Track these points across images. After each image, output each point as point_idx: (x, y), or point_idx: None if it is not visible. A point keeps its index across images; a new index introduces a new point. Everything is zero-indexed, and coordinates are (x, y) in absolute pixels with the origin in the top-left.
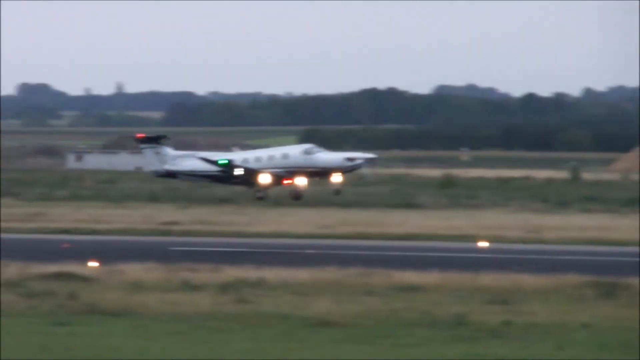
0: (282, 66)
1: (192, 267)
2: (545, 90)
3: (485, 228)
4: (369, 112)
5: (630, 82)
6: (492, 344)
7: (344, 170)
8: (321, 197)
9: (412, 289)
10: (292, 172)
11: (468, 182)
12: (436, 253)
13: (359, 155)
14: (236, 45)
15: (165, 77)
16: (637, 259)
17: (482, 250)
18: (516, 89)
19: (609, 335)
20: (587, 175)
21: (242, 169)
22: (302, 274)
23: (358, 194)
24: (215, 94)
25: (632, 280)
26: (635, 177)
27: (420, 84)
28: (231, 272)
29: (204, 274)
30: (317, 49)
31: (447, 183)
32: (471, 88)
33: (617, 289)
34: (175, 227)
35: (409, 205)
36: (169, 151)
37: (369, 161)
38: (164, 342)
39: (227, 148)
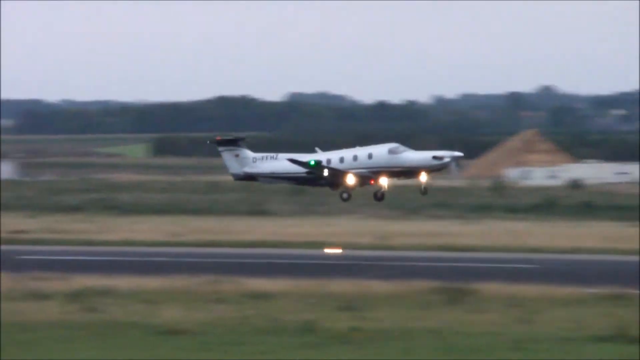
0: (134, 73)
1: (40, 276)
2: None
3: (335, 235)
4: (222, 120)
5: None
6: (340, 350)
7: (431, 169)
8: (173, 204)
9: (262, 296)
10: (377, 172)
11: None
12: (286, 260)
13: (447, 154)
14: (87, 52)
15: (14, 84)
16: (484, 265)
17: (332, 256)
18: (367, 97)
19: (454, 341)
20: (437, 182)
21: (330, 170)
22: (152, 282)
23: (208, 201)
24: (66, 101)
25: (479, 286)
26: (483, 183)
27: (272, 91)
28: (80, 281)
29: (53, 282)
30: (170, 56)
31: (298, 190)
32: (323, 95)
33: (464, 294)
34: (24, 236)
35: (260, 212)
36: (249, 153)
37: (456, 159)
38: (7, 353)
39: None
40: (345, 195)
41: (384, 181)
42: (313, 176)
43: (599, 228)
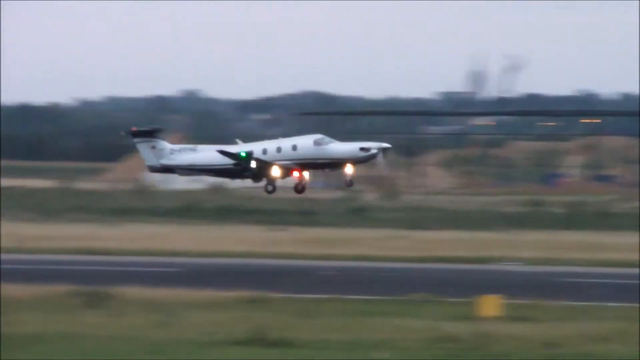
0: None
1: None
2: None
3: None
4: None
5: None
6: None
7: (358, 160)
8: None
9: None
10: (302, 164)
11: None
12: None
13: (374, 145)
14: None
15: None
16: (125, 269)
17: None
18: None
19: (91, 345)
20: (80, 185)
21: (258, 162)
22: None
23: None
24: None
25: (118, 290)
26: (125, 187)
27: None
28: None
29: None
30: None
31: None
32: None
33: (103, 298)
34: None
35: None
36: (165, 144)
37: (383, 150)
38: None
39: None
40: (270, 188)
41: (306, 174)
42: (238, 168)
43: (238, 232)
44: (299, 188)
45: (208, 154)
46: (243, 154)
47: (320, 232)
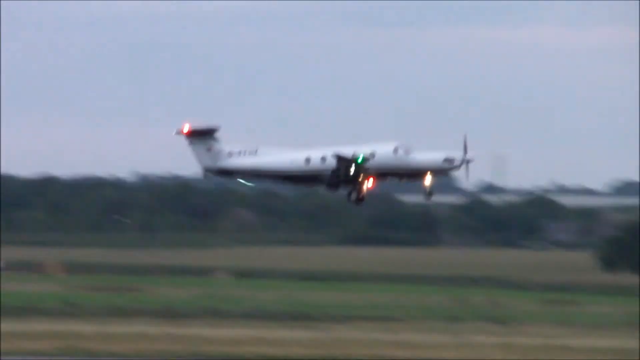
0: None
1: None
2: None
3: None
4: None
5: None
6: None
7: (440, 171)
8: None
9: None
10: (380, 172)
11: None
12: None
13: (458, 156)
14: None
15: None
16: None
17: None
18: None
19: None
20: None
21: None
22: None
23: None
24: None
25: None
26: None
27: None
28: None
29: None
30: None
31: None
32: None
33: None
34: None
35: None
36: (223, 146)
37: (467, 162)
38: None
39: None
40: (354, 197)
41: (369, 183)
42: (336, 175)
43: None
44: (360, 197)
45: (273, 157)
46: (361, 159)
47: None
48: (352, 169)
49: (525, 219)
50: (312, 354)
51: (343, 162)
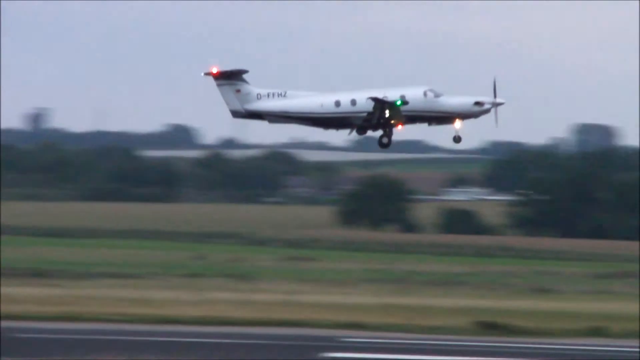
0: None
1: None
2: None
3: None
4: None
5: None
6: None
7: (471, 115)
8: None
9: None
10: (410, 116)
11: None
12: None
13: (488, 100)
14: None
15: None
16: None
17: None
18: None
19: None
20: None
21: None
22: None
23: None
24: None
25: None
26: None
27: None
28: None
29: None
30: None
31: None
32: None
33: None
34: None
35: None
36: (251, 88)
37: (497, 105)
38: None
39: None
40: (385, 141)
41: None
42: (369, 119)
43: None
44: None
45: (303, 100)
46: (399, 102)
47: None
48: (388, 113)
49: (265, 175)
50: (51, 312)
51: (381, 105)
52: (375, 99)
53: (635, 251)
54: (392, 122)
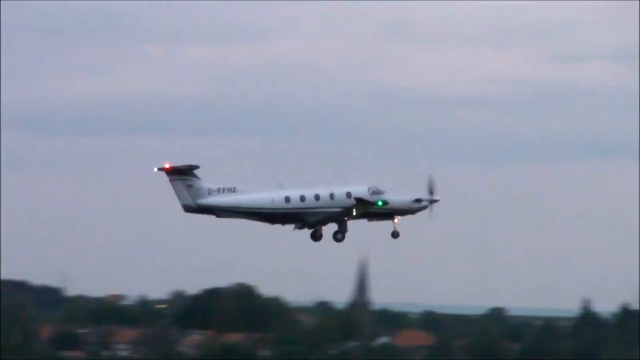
0: None
1: None
2: None
3: None
4: None
5: None
6: None
7: (411, 211)
8: None
9: None
10: (344, 212)
11: None
12: None
13: (426, 197)
14: None
15: None
16: None
17: None
18: None
19: None
20: None
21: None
22: None
23: None
24: None
25: None
26: None
27: None
28: None
29: None
30: None
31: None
32: None
33: None
34: None
35: None
36: (202, 184)
37: (433, 203)
38: None
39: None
40: (340, 236)
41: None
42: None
43: None
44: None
45: (254, 195)
46: (380, 203)
47: None
48: (361, 210)
49: None
50: None
51: (364, 204)
52: (358, 199)
53: None
54: (347, 219)
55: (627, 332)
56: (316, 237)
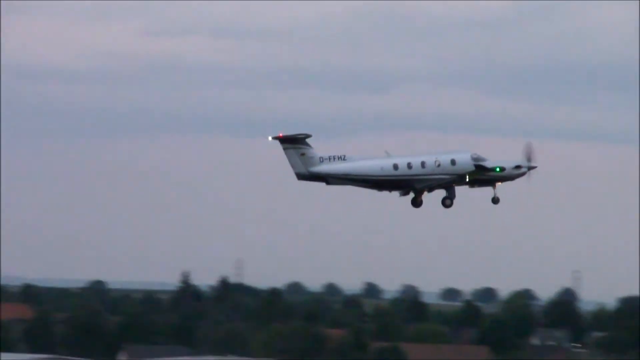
0: None
1: None
2: None
3: None
4: None
5: None
6: None
7: (510, 178)
8: None
9: None
10: (460, 179)
11: None
12: None
13: (525, 163)
14: None
15: None
16: None
17: None
18: None
19: None
20: None
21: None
22: None
23: None
24: None
25: None
26: None
27: None
28: None
29: None
30: None
31: None
32: None
33: None
34: None
35: None
36: (315, 152)
37: (531, 169)
38: None
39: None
40: (448, 202)
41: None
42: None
43: None
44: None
45: (363, 163)
46: (498, 169)
47: None
48: (469, 177)
49: None
50: None
51: (483, 170)
52: (478, 166)
53: None
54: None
55: (225, 304)
56: (417, 203)
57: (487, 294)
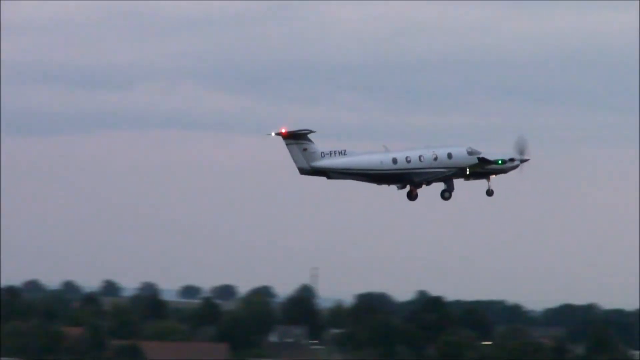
0: None
1: None
2: None
3: None
4: None
5: None
6: None
7: (503, 171)
8: None
9: None
10: (457, 172)
11: None
12: None
13: (517, 157)
14: None
15: None
16: None
17: None
18: None
19: None
20: None
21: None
22: None
23: None
24: None
25: None
26: None
27: None
28: None
29: None
30: None
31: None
32: None
33: None
34: None
35: None
36: (316, 147)
37: (523, 162)
38: None
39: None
40: (447, 195)
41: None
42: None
43: None
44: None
45: (363, 157)
46: (500, 162)
47: None
48: (469, 170)
49: None
50: None
51: (484, 163)
52: (481, 159)
53: None
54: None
55: None
56: (412, 196)
57: (227, 291)
